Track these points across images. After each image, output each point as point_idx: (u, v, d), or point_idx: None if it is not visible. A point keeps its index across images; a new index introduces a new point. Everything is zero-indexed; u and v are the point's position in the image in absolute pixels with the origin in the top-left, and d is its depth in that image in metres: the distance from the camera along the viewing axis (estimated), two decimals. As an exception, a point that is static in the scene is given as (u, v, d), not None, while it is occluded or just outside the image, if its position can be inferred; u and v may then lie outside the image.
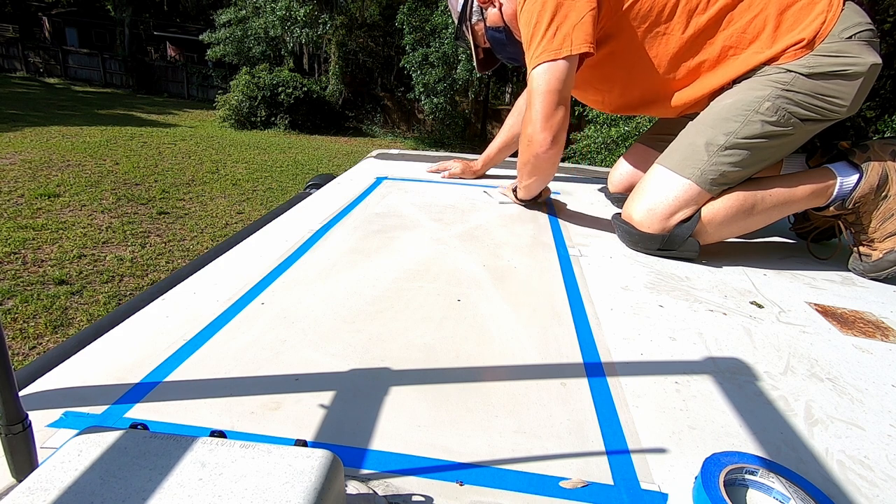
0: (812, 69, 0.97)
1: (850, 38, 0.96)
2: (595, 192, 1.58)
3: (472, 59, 1.36)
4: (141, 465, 0.34)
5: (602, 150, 6.54)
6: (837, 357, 0.73)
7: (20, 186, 5.74)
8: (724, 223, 1.05)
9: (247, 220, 5.57)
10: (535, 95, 1.05)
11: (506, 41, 1.22)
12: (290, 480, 0.33)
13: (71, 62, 20.66)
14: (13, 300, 3.39)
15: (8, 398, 0.36)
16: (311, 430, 0.51)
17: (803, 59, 0.98)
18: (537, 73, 1.04)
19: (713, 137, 1.03)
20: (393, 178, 1.56)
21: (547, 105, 1.05)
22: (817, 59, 0.97)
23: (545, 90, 1.04)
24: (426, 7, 12.33)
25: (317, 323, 0.71)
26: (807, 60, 0.97)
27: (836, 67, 0.96)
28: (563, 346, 0.70)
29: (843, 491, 0.48)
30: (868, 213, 1.05)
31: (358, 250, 0.98)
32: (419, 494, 0.44)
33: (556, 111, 1.05)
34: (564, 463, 0.49)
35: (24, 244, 4.22)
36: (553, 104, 1.04)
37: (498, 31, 1.21)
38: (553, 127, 1.06)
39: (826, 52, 0.97)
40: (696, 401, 0.60)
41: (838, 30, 0.96)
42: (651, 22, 1.05)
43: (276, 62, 15.42)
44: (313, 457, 0.35)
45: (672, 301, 0.87)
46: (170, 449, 0.35)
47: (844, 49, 0.96)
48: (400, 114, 15.84)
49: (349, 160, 9.77)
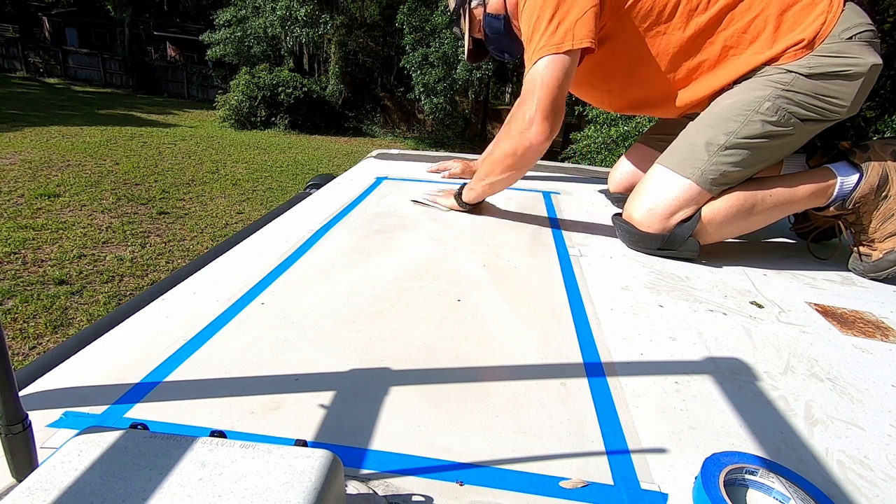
0: (812, 69, 0.97)
1: (850, 39, 0.96)
2: (595, 192, 1.58)
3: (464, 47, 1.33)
4: (141, 465, 0.34)
5: (602, 150, 6.54)
6: (837, 357, 0.73)
7: (20, 186, 5.74)
8: (725, 223, 1.05)
9: (247, 220, 5.57)
10: (536, 87, 1.03)
11: (502, 31, 1.20)
12: (290, 480, 0.33)
13: (71, 62, 20.66)
14: (13, 300, 3.39)
15: (8, 398, 0.36)
16: (311, 430, 0.51)
17: (803, 60, 0.98)
18: (539, 66, 1.03)
19: (713, 137, 1.03)
20: (393, 178, 1.56)
21: (547, 97, 1.03)
22: (817, 59, 0.97)
23: (546, 83, 1.03)
24: (426, 7, 12.33)
25: (317, 323, 0.71)
26: (807, 61, 0.97)
27: (836, 68, 0.96)
28: (563, 346, 0.70)
29: (843, 491, 0.48)
30: (868, 214, 1.05)
31: (358, 250, 0.98)
32: (419, 494, 0.44)
33: (556, 104, 1.04)
34: (564, 463, 0.49)
35: (24, 244, 4.22)
36: (553, 97, 1.03)
37: (497, 18, 1.20)
38: (551, 118, 1.04)
39: (826, 52, 0.97)
40: (696, 401, 0.60)
41: (839, 30, 0.96)
42: (652, 21, 1.05)
43: (276, 62, 15.42)
44: (313, 457, 0.35)
45: (672, 301, 0.87)
46: (170, 449, 0.35)
47: (845, 49, 0.96)
48: (400, 114, 15.84)
49: (349, 160, 9.77)
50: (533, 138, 1.05)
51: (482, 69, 12.04)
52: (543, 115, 1.04)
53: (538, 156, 1.09)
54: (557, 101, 1.04)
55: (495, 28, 1.21)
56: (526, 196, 1.46)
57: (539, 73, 1.03)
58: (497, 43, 1.25)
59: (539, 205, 1.39)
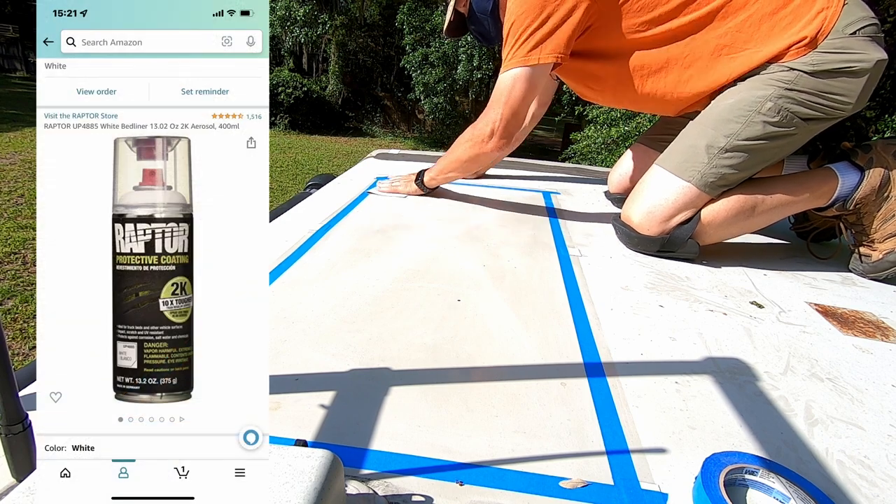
0: (816, 67, 0.95)
1: (854, 34, 0.94)
2: (595, 192, 1.58)
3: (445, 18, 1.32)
4: (141, 465, 0.34)
5: (602, 150, 6.54)
6: (837, 357, 0.73)
7: (20, 186, 5.74)
8: (725, 225, 1.05)
9: (247, 220, 5.56)
10: (502, 101, 1.09)
11: (488, 11, 1.17)
12: (289, 480, 0.33)
13: (71, 62, 20.64)
14: (13, 300, 3.39)
15: (8, 398, 0.36)
16: (311, 430, 0.51)
17: (807, 57, 0.96)
18: (507, 78, 1.08)
19: (714, 139, 1.02)
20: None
21: (509, 112, 1.10)
22: (821, 56, 0.95)
23: (510, 99, 1.08)
24: (426, 7, 12.33)
25: (317, 323, 0.71)
26: (811, 58, 0.96)
27: (840, 64, 0.94)
28: (563, 346, 0.70)
29: (843, 491, 0.48)
30: (869, 214, 1.04)
31: (358, 250, 0.98)
32: (419, 494, 0.44)
33: (515, 119, 1.11)
34: (564, 463, 0.49)
35: (24, 244, 4.22)
36: (514, 112, 1.10)
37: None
38: (510, 133, 1.13)
39: (830, 48, 0.95)
40: (696, 401, 0.60)
41: (841, 25, 0.94)
42: (643, 20, 1.04)
43: (275, 62, 15.42)
44: (313, 457, 0.35)
45: (672, 301, 0.87)
46: (170, 449, 0.35)
47: (848, 45, 0.94)
48: (400, 114, 15.84)
49: (349, 160, 9.77)
50: (490, 149, 1.15)
51: (482, 69, 12.04)
52: (503, 132, 1.12)
53: (495, 161, 1.20)
54: (519, 117, 1.11)
55: (482, 7, 1.19)
56: (526, 196, 1.46)
57: (507, 87, 1.08)
58: (479, 24, 1.22)
59: (539, 205, 1.39)
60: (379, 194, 1.37)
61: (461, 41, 11.41)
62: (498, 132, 1.12)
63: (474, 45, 11.78)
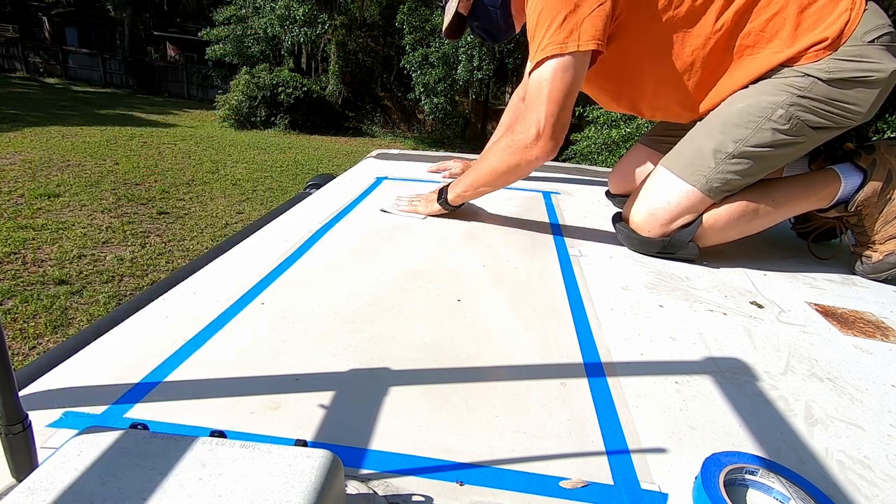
0: (832, 74, 0.92)
1: (871, 42, 0.91)
2: (595, 192, 1.58)
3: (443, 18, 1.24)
4: (141, 466, 0.34)
5: (602, 150, 6.55)
6: (837, 357, 0.73)
7: (20, 186, 5.74)
8: (726, 228, 1.04)
9: (247, 220, 5.57)
10: (544, 98, 0.96)
11: (498, 4, 1.09)
12: (289, 480, 0.33)
13: (71, 62, 20.66)
14: (13, 300, 3.39)
15: (8, 398, 0.36)
16: (311, 430, 0.51)
17: (823, 63, 0.93)
18: (544, 71, 0.96)
19: (722, 144, 0.99)
20: (393, 178, 1.56)
21: (555, 109, 0.96)
22: (837, 63, 0.92)
23: (553, 94, 0.95)
24: (426, 7, 12.34)
25: (317, 323, 0.71)
26: (826, 64, 0.93)
27: (856, 73, 0.92)
28: (563, 346, 0.70)
29: (843, 491, 0.48)
30: (871, 216, 1.04)
31: (358, 250, 0.98)
32: (419, 494, 0.44)
33: (564, 117, 0.97)
34: (564, 463, 0.49)
35: (24, 244, 4.22)
36: (561, 108, 0.96)
37: None
38: (559, 134, 0.98)
39: (847, 55, 0.92)
40: (696, 401, 0.60)
41: (860, 32, 0.91)
42: (668, 17, 0.99)
43: (275, 62, 15.42)
44: (313, 457, 0.35)
45: (672, 301, 0.87)
46: (170, 449, 0.35)
47: (865, 53, 0.91)
48: (400, 114, 15.84)
49: (349, 160, 9.77)
50: (539, 153, 1.00)
51: (483, 70, 12.04)
52: (551, 131, 0.97)
53: (536, 167, 1.04)
54: (565, 114, 0.97)
55: (490, 1, 1.10)
56: (526, 196, 1.46)
57: (546, 81, 0.96)
58: (485, 19, 1.13)
59: (539, 205, 1.39)
60: (398, 214, 1.21)
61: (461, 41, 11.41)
62: (545, 133, 0.97)
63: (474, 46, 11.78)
